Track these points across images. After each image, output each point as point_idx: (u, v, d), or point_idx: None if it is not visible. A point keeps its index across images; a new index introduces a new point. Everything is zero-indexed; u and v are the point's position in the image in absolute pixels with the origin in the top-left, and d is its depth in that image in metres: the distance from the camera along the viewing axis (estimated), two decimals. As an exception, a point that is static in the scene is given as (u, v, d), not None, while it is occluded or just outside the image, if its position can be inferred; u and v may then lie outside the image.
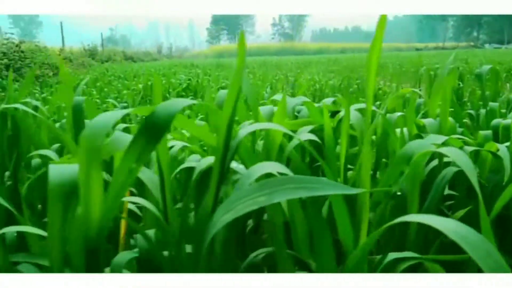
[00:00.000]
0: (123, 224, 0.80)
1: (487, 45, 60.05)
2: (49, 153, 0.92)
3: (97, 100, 4.27)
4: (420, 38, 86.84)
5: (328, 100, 1.27)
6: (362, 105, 1.02)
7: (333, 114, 1.15)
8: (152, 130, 0.51)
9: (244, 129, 0.62)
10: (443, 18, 76.10)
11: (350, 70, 11.61)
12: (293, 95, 5.70)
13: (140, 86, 5.03)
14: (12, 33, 12.37)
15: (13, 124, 1.20)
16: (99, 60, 22.62)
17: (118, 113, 0.52)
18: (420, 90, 5.07)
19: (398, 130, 1.10)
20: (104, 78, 9.32)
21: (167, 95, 5.10)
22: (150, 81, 6.36)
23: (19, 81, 9.04)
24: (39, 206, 1.17)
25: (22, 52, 10.72)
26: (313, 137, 0.77)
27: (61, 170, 0.53)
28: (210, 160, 0.68)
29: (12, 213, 0.97)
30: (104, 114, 0.52)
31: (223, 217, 0.46)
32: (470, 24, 72.97)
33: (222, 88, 5.73)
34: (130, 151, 0.51)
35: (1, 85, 7.80)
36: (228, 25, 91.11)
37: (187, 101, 0.54)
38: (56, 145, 1.15)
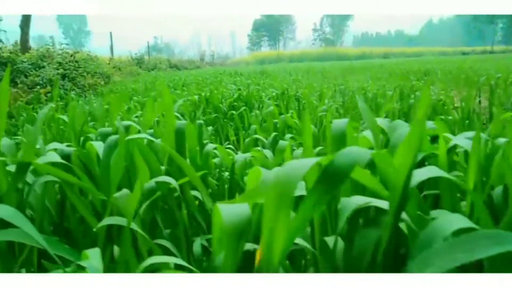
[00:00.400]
0: (258, 253, 0.83)
1: (540, 48, 57.25)
2: (169, 179, 0.97)
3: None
4: (467, 41, 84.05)
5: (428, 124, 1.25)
6: (471, 133, 1.01)
7: (433, 139, 1.15)
8: (331, 179, 0.54)
9: (417, 176, 0.64)
10: (492, 20, 73.30)
11: (400, 78, 11.38)
12: (345, 105, 5.63)
13: (196, 97, 5.14)
14: (67, 44, 12.93)
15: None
16: (145, 68, 23.34)
17: (309, 162, 0.54)
18: (480, 100, 4.88)
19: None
20: (155, 88, 9.61)
21: (220, 105, 5.19)
22: (203, 92, 6.49)
23: (74, 89, 9.44)
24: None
25: (77, 62, 11.18)
26: (442, 173, 0.76)
27: (234, 210, 0.57)
28: (360, 200, 0.69)
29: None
30: (296, 162, 0.56)
31: (424, 270, 0.48)
32: (521, 26, 69.87)
33: (272, 97, 5.74)
34: (309, 198, 0.54)
35: (60, 95, 8.17)
36: (268, 31, 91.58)
37: (366, 152, 0.56)
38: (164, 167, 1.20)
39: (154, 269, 0.93)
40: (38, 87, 8.22)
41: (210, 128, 3.53)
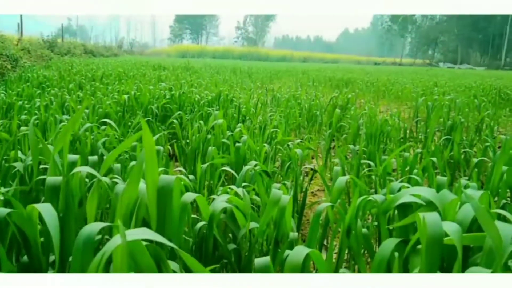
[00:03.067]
0: None
1: (441, 64, 62.73)
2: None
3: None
4: (379, 52, 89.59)
5: None
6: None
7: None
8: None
9: None
10: (402, 34, 78.79)
11: (334, 85, 11.60)
12: (287, 115, 5.44)
13: (126, 97, 4.63)
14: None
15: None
16: (58, 52, 21.52)
17: None
18: (417, 121, 4.92)
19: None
20: (71, 77, 8.74)
21: (152, 106, 4.74)
22: (129, 88, 5.94)
23: (-25, 72, 8.31)
24: None
25: (-20, 41, 9.88)
26: None
27: None
28: None
29: None
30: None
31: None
32: (427, 42, 75.91)
33: (210, 102, 5.39)
34: None
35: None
36: (191, 24, 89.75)
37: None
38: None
39: None
40: None
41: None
